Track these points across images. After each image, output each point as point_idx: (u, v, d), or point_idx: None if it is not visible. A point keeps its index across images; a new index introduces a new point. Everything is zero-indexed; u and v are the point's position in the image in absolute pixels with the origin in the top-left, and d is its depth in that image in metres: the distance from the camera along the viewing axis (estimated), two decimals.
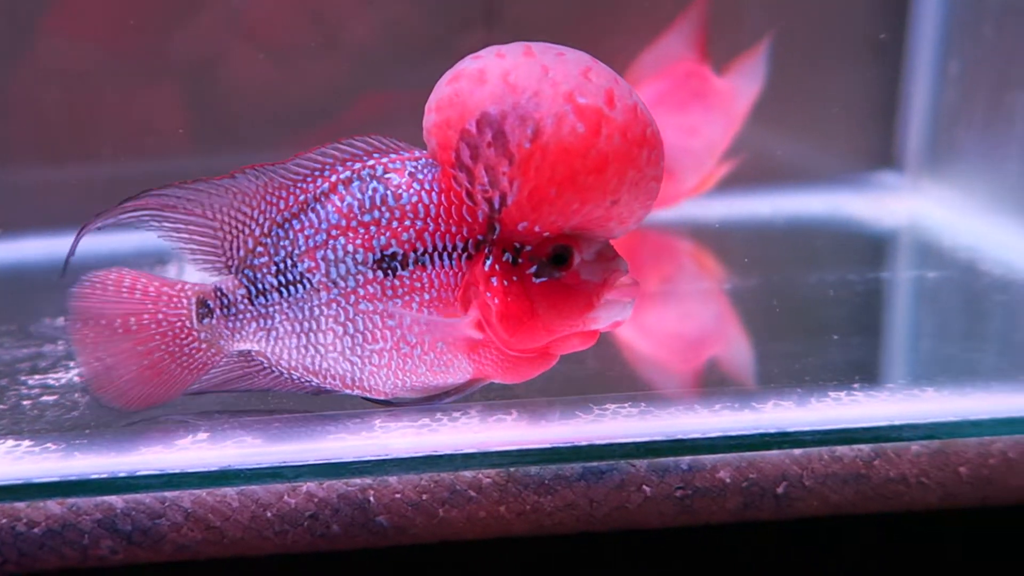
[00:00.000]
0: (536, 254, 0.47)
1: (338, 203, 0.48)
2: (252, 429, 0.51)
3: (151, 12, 0.91)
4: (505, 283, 0.47)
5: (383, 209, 0.48)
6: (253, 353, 0.51)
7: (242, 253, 0.50)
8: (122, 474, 0.47)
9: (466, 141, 0.45)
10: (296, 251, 0.49)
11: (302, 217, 0.49)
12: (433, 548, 0.49)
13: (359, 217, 0.48)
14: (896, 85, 0.99)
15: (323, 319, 0.49)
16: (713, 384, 0.65)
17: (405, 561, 0.50)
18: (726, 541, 0.51)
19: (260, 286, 0.50)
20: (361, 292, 0.48)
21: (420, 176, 0.48)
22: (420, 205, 0.47)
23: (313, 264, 0.49)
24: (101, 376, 0.51)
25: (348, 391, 0.51)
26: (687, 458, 0.49)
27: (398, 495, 0.48)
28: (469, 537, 0.49)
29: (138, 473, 0.47)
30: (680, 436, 0.49)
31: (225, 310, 0.50)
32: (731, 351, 0.73)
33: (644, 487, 0.49)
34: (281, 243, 0.49)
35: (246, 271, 0.50)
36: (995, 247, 0.84)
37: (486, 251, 0.47)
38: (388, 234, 0.48)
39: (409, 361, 0.49)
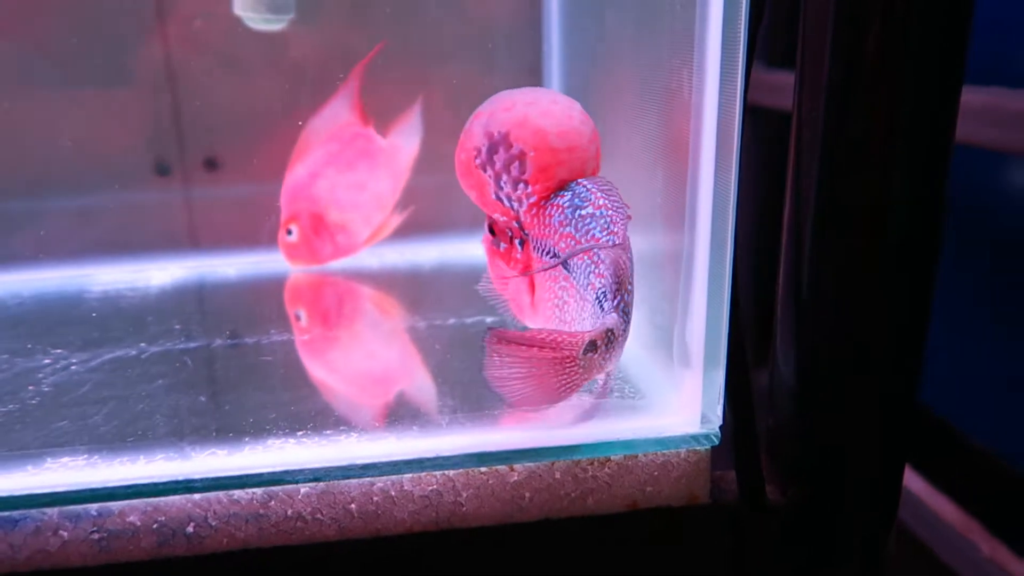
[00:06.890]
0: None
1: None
2: None
3: None
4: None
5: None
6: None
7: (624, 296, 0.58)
8: None
9: None
10: (630, 285, 0.59)
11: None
12: None
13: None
14: None
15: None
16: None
17: None
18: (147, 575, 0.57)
19: (627, 319, 0.58)
20: None
21: None
22: None
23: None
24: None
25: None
26: (95, 505, 0.56)
27: None
28: None
29: None
30: (83, 487, 0.55)
31: (607, 345, 0.57)
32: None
33: (60, 532, 0.56)
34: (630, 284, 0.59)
35: (624, 309, 0.58)
36: None
37: None
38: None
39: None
